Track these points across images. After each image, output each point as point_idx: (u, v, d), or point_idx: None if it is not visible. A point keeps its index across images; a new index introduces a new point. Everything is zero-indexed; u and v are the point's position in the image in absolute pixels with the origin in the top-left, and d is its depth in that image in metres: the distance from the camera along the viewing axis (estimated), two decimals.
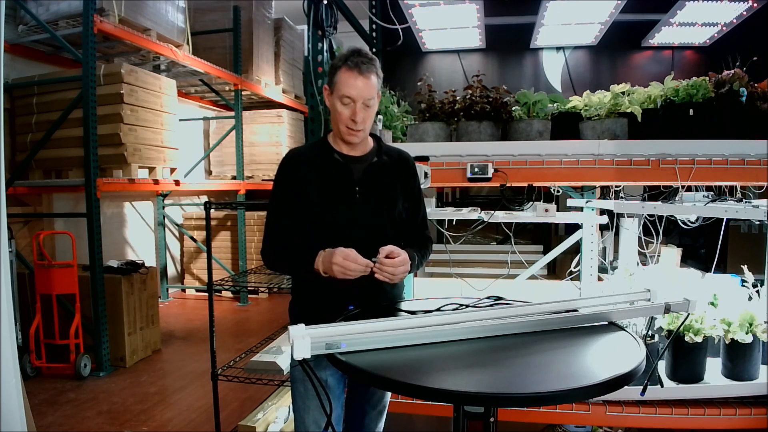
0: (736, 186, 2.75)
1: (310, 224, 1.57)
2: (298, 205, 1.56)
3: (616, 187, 2.86)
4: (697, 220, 2.65)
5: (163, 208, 6.33)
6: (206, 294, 2.93)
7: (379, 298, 1.57)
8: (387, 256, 1.43)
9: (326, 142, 1.63)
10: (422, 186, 2.35)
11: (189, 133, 6.67)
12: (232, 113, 6.21)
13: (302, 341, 1.08)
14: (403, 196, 1.64)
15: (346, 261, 1.40)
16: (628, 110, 2.46)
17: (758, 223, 3.38)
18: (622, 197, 2.89)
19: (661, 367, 2.33)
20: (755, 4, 5.24)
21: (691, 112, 2.39)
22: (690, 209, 2.45)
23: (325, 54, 3.12)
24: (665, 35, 6.31)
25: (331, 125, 1.60)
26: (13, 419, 1.66)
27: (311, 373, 1.12)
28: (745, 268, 2.37)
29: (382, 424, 1.75)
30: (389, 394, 1.74)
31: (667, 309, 1.37)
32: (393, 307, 1.55)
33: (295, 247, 1.58)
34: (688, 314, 1.40)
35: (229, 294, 6.48)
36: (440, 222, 3.00)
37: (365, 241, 1.50)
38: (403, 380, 1.01)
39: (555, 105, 2.76)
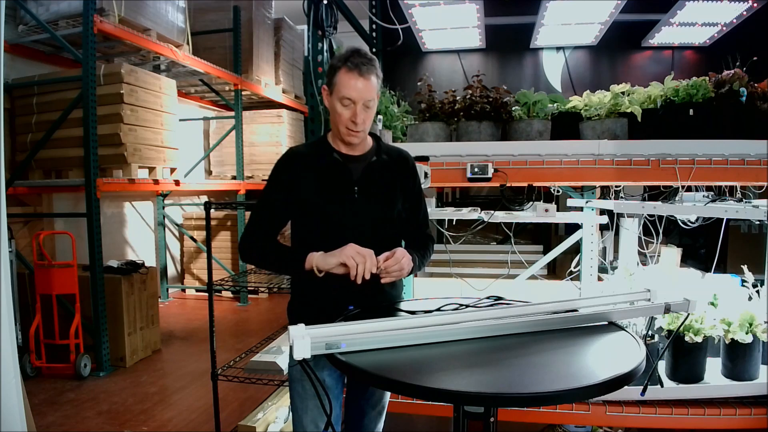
0: (736, 186, 2.75)
1: (308, 224, 1.56)
2: (295, 204, 1.56)
3: (616, 187, 2.86)
4: (697, 220, 2.65)
5: (163, 208, 6.33)
6: (206, 294, 2.93)
7: (378, 299, 1.57)
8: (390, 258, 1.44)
9: (326, 141, 1.62)
10: (422, 186, 2.36)
11: (189, 133, 6.67)
12: (232, 113, 6.21)
13: (302, 341, 1.08)
14: (403, 195, 1.63)
15: (361, 248, 1.41)
16: (628, 110, 2.46)
17: (758, 223, 3.38)
18: (622, 197, 2.89)
19: (661, 367, 2.33)
20: (755, 4, 5.24)
21: (691, 112, 2.39)
22: (690, 209, 2.45)
23: (325, 54, 3.12)
24: (665, 35, 6.31)
25: (331, 125, 1.59)
26: (13, 419, 1.66)
27: (311, 373, 1.11)
28: (745, 268, 2.37)
29: (381, 425, 1.74)
30: (389, 394, 1.74)
31: (667, 309, 1.37)
32: (393, 307, 1.55)
33: (280, 244, 1.58)
34: (688, 314, 1.40)
35: (229, 294, 6.48)
36: (440, 222, 3.01)
37: (364, 241, 1.49)
38: (403, 380, 1.01)
39: (555, 105, 2.76)
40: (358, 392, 1.70)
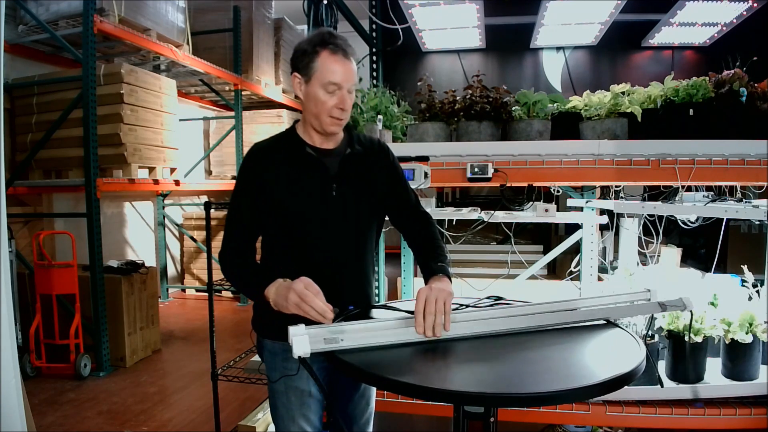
0: (736, 186, 2.75)
1: (282, 227, 1.43)
2: (267, 207, 1.42)
3: (616, 187, 2.86)
4: (697, 220, 2.65)
5: (163, 208, 6.34)
6: (206, 294, 2.93)
7: (349, 300, 1.42)
8: (426, 306, 1.20)
9: (295, 134, 1.47)
10: (422, 186, 2.36)
11: (189, 133, 6.67)
12: (232, 113, 6.21)
13: (301, 338, 1.08)
14: (389, 182, 1.54)
15: (306, 291, 1.21)
16: (628, 110, 2.46)
17: (758, 223, 3.38)
18: (622, 197, 2.89)
19: (661, 367, 2.33)
20: (755, 4, 5.24)
21: (691, 112, 2.39)
22: (690, 209, 2.45)
23: None
24: (665, 35, 6.31)
25: (307, 116, 1.44)
26: (13, 419, 1.66)
27: (310, 370, 1.11)
28: (745, 268, 2.37)
29: (370, 429, 1.68)
30: (374, 400, 1.67)
31: (663, 308, 1.38)
32: (392, 307, 1.54)
33: (251, 263, 1.44)
34: (692, 317, 1.40)
35: (229, 294, 6.49)
36: (440, 222, 3.00)
37: (343, 242, 1.45)
38: (403, 380, 1.01)
39: (555, 105, 2.76)
40: (346, 399, 1.61)
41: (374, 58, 5.40)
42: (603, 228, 3.22)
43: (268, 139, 1.51)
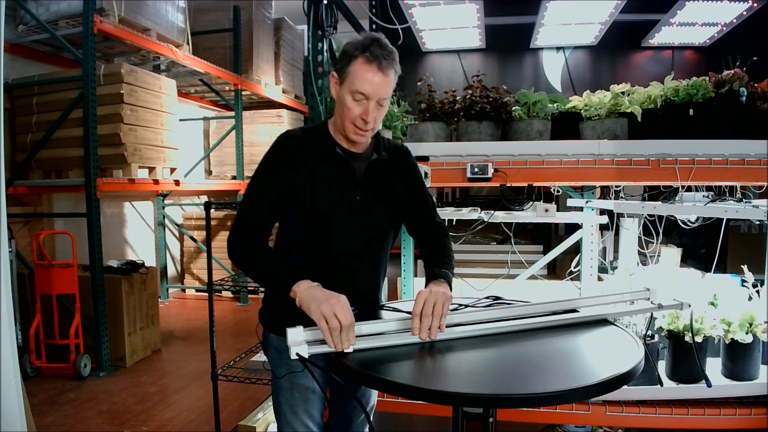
0: (736, 186, 2.75)
1: (301, 224, 1.42)
2: (289, 198, 1.39)
3: (616, 187, 2.86)
4: (697, 220, 2.65)
5: (163, 208, 6.33)
6: (206, 294, 2.93)
7: (362, 301, 1.45)
8: (424, 308, 1.21)
9: (327, 131, 1.45)
10: None
11: (189, 133, 6.67)
12: (232, 113, 6.22)
13: (300, 340, 1.08)
14: (410, 191, 1.54)
15: (344, 309, 1.15)
16: (628, 110, 2.46)
17: (758, 223, 3.38)
18: (622, 197, 2.89)
19: (661, 367, 2.33)
20: (755, 4, 5.24)
21: (691, 112, 2.39)
22: (690, 209, 2.45)
23: (325, 54, 3.12)
24: (665, 35, 6.32)
25: (335, 117, 1.42)
26: (13, 419, 1.66)
27: (310, 368, 1.11)
28: (745, 268, 2.37)
29: (368, 429, 1.70)
30: (375, 397, 1.67)
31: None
32: (391, 308, 1.54)
33: (272, 253, 1.41)
34: (692, 319, 1.40)
35: (229, 294, 6.48)
36: None
37: (360, 246, 1.45)
38: (402, 382, 1.01)
39: (555, 105, 2.76)
40: (344, 397, 1.61)
41: None
42: (603, 228, 3.22)
43: (299, 129, 1.48)
